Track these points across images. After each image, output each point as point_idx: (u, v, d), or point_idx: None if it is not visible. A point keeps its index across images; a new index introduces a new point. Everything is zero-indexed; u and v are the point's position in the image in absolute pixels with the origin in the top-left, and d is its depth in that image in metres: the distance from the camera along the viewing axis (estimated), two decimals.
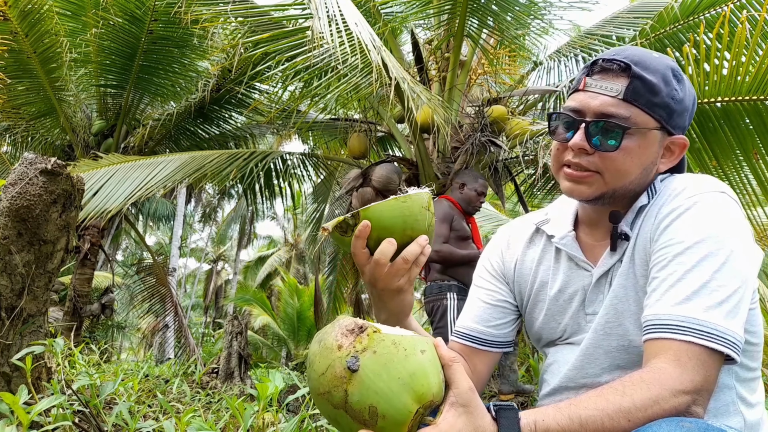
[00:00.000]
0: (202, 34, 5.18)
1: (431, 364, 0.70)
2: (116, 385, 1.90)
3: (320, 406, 0.71)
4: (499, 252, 1.17)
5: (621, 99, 0.91)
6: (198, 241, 27.75)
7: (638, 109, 0.92)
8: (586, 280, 1.01)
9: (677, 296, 0.82)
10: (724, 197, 0.90)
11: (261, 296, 16.63)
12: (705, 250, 0.84)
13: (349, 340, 0.69)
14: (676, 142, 0.98)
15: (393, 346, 0.68)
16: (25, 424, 1.35)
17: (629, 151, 0.92)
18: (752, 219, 3.57)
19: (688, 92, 0.97)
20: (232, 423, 2.22)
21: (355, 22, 3.11)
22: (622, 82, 0.92)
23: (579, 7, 4.59)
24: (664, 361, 0.78)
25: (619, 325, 0.95)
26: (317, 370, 0.69)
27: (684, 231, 0.87)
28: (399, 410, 0.66)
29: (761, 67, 2.78)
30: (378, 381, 0.66)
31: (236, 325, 4.09)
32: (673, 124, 0.95)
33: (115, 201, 4.03)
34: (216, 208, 23.83)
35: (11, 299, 1.89)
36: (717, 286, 0.81)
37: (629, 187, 0.95)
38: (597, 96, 0.93)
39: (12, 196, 1.86)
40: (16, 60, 5.25)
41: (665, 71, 0.93)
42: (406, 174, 4.47)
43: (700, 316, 0.79)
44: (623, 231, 0.96)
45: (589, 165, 0.94)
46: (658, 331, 0.82)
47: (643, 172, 0.95)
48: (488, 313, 1.13)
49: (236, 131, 6.80)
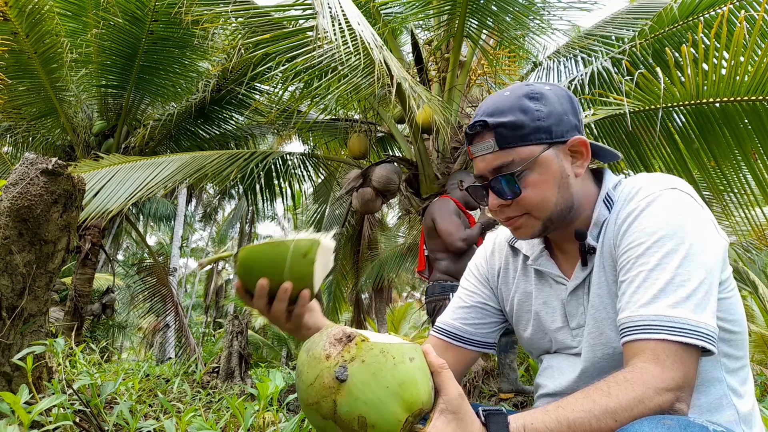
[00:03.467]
0: (203, 34, 5.19)
1: (420, 372, 0.69)
2: (117, 384, 1.91)
3: (309, 416, 0.70)
4: (485, 258, 1.21)
5: (497, 150, 0.97)
6: (198, 241, 27.77)
7: (517, 147, 0.96)
8: (563, 294, 1.04)
9: (645, 296, 0.84)
10: (677, 192, 0.92)
11: None
12: (665, 247, 0.86)
13: (337, 350, 0.68)
14: (574, 144, 0.99)
15: (381, 355, 0.67)
16: (26, 423, 1.36)
17: (534, 184, 0.97)
18: (751, 219, 3.58)
19: (553, 101, 0.99)
20: (233, 422, 2.22)
21: (358, 21, 3.12)
22: (490, 137, 0.97)
23: (578, 8, 4.59)
24: (644, 360, 0.80)
25: (600, 334, 0.96)
26: (306, 381, 0.69)
27: (642, 232, 0.89)
28: (388, 420, 0.65)
29: (760, 67, 2.78)
30: (367, 390, 0.65)
31: (237, 325, 4.10)
32: (558, 134, 0.98)
33: (116, 201, 4.04)
34: (216, 208, 23.83)
35: (12, 299, 1.90)
36: (681, 281, 0.83)
37: (560, 208, 0.99)
38: (482, 158, 1.00)
39: (13, 196, 1.87)
40: (16, 60, 5.25)
41: (519, 102, 0.97)
42: (406, 174, 4.48)
43: (670, 313, 0.81)
44: (591, 245, 0.99)
45: (515, 212, 1.00)
46: (632, 333, 0.84)
47: (561, 189, 0.98)
48: (466, 312, 1.16)
49: (237, 131, 6.81)
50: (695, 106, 3.21)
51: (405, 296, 23.30)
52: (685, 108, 3.27)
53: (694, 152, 3.47)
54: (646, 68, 3.99)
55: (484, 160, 0.99)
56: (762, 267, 6.33)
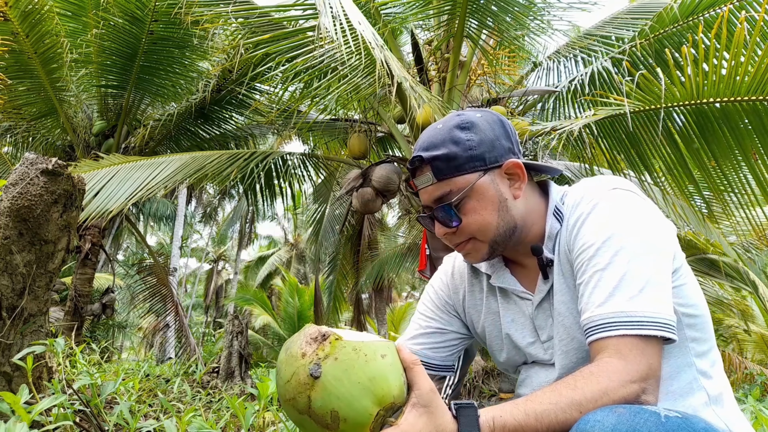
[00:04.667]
0: (203, 34, 5.19)
1: (392, 368, 0.72)
2: (117, 384, 1.91)
3: (287, 411, 0.73)
4: (445, 282, 1.22)
5: (435, 182, 1.02)
6: (199, 241, 27.77)
7: (453, 178, 1.01)
8: (530, 308, 1.06)
9: (601, 296, 0.87)
10: (618, 192, 0.95)
11: (261, 296, 16.64)
12: (613, 246, 0.89)
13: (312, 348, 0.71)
14: (509, 167, 1.03)
15: (354, 352, 0.70)
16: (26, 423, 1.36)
17: (473, 211, 1.01)
18: (751, 219, 3.58)
19: (484, 129, 1.03)
20: (233, 422, 2.22)
21: (359, 21, 3.12)
22: (427, 171, 1.02)
23: (578, 8, 4.60)
24: (608, 355, 0.82)
25: (572, 340, 0.98)
26: (283, 378, 0.72)
27: (590, 235, 0.93)
28: (360, 413, 0.68)
29: (760, 67, 2.78)
30: (339, 386, 0.68)
31: (237, 325, 4.10)
32: (492, 159, 1.02)
33: (116, 201, 4.04)
34: (216, 208, 23.84)
35: (12, 299, 1.90)
36: (633, 276, 0.86)
37: (502, 230, 1.02)
38: (424, 191, 1.05)
39: (13, 196, 1.87)
40: (17, 60, 5.26)
41: (450, 134, 1.02)
42: (406, 174, 4.48)
43: (627, 309, 0.84)
44: (548, 258, 1.02)
45: (461, 238, 1.04)
46: (594, 333, 0.86)
47: (500, 212, 1.01)
48: (426, 338, 1.18)
49: (237, 132, 6.81)
50: (695, 106, 3.21)
51: (405, 296, 23.31)
52: (686, 108, 3.27)
53: (695, 152, 3.47)
54: (647, 68, 3.99)
55: (426, 192, 1.04)
56: (762, 267, 6.33)
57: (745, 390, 5.08)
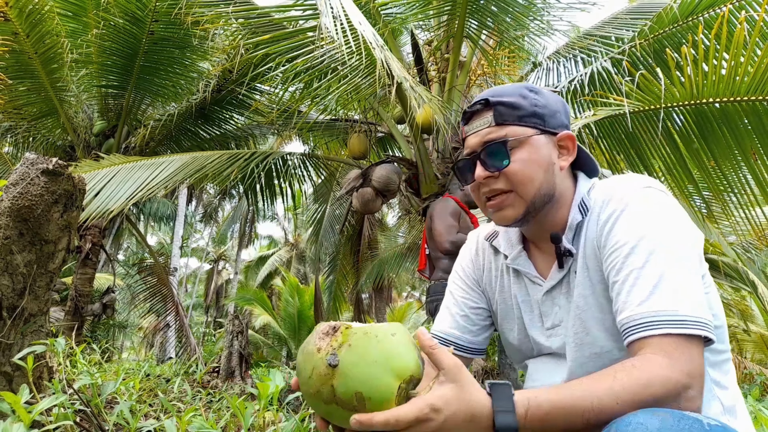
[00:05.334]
0: (203, 35, 5.19)
1: (403, 344, 0.75)
2: (117, 384, 1.91)
3: (314, 406, 0.75)
4: (470, 258, 1.22)
5: (494, 125, 1.02)
6: (199, 241, 27.78)
7: (511, 126, 1.01)
8: (539, 294, 1.07)
9: (641, 294, 0.85)
10: (652, 191, 0.95)
11: (262, 296, 16.62)
12: (649, 245, 0.88)
13: (326, 342, 0.74)
14: (563, 138, 1.05)
15: (365, 336, 0.73)
16: (26, 423, 1.37)
17: (523, 161, 1.00)
18: (751, 219, 3.58)
19: (550, 98, 1.07)
20: (233, 422, 2.23)
21: (359, 21, 3.12)
22: (488, 114, 1.03)
23: (578, 8, 4.60)
24: (652, 352, 0.81)
25: (587, 335, 0.98)
26: (304, 375, 0.74)
27: (626, 232, 0.92)
28: (382, 390, 0.71)
29: (759, 67, 2.78)
30: (357, 369, 0.71)
31: (237, 325, 4.10)
32: (551, 125, 1.04)
33: (117, 201, 4.04)
34: (217, 208, 23.84)
35: (13, 299, 1.90)
36: (671, 276, 0.85)
37: (543, 192, 1.01)
38: (476, 134, 1.04)
39: (14, 196, 1.88)
40: (17, 61, 5.26)
41: (520, 90, 1.05)
42: (406, 174, 4.48)
43: (669, 307, 0.83)
44: (566, 248, 1.01)
45: (501, 185, 1.02)
46: (635, 332, 0.84)
47: (546, 173, 1.02)
48: (461, 319, 1.17)
49: (237, 132, 6.82)
50: (695, 107, 3.22)
51: (405, 296, 23.31)
52: (685, 108, 3.28)
53: (694, 152, 3.47)
54: (646, 68, 4.00)
55: (477, 135, 1.04)
56: (762, 267, 6.33)
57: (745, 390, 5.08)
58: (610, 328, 0.95)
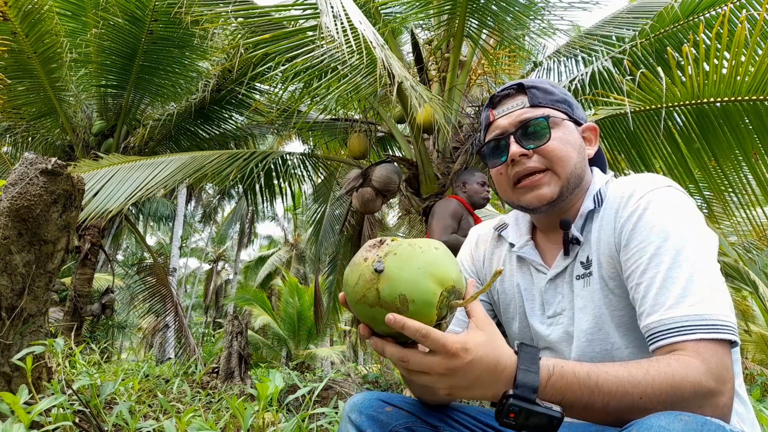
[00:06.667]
0: (203, 34, 5.19)
1: (446, 256, 0.78)
2: (116, 384, 1.91)
3: (359, 312, 0.78)
4: (469, 252, 1.23)
5: (529, 106, 1.04)
6: (198, 241, 27.77)
7: (546, 108, 1.04)
8: (542, 282, 1.07)
9: (671, 297, 0.84)
10: (674, 191, 0.94)
11: (261, 296, 16.63)
12: (677, 245, 0.87)
13: (372, 252, 0.78)
14: (588, 129, 1.09)
15: (410, 247, 0.77)
16: (25, 423, 1.36)
17: (560, 138, 1.02)
18: (752, 219, 3.58)
19: (570, 94, 1.12)
20: (233, 423, 2.22)
21: (359, 20, 3.12)
22: (522, 97, 1.06)
23: (579, 8, 4.59)
24: (687, 355, 0.79)
25: (599, 330, 0.97)
26: (351, 283, 0.78)
27: (650, 231, 0.90)
28: (425, 293, 0.73)
29: (761, 66, 2.78)
30: (402, 273, 0.74)
31: (236, 325, 4.09)
32: (576, 115, 1.08)
33: (116, 201, 4.03)
34: (216, 208, 23.85)
35: (12, 299, 1.89)
36: (701, 278, 0.84)
37: (578, 173, 1.03)
38: (508, 115, 1.06)
39: (12, 196, 1.87)
40: (16, 60, 5.25)
41: (548, 81, 1.09)
42: (406, 174, 4.47)
43: (700, 312, 0.81)
44: (574, 236, 1.01)
45: (538, 164, 1.02)
46: (667, 336, 0.82)
47: (579, 155, 1.04)
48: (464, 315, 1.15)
49: (236, 131, 6.81)
50: (696, 106, 3.21)
51: None
52: (686, 108, 3.27)
53: (695, 152, 3.47)
54: (647, 68, 3.99)
55: (510, 116, 1.05)
56: (762, 267, 6.32)
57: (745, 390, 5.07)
58: (621, 325, 0.95)
